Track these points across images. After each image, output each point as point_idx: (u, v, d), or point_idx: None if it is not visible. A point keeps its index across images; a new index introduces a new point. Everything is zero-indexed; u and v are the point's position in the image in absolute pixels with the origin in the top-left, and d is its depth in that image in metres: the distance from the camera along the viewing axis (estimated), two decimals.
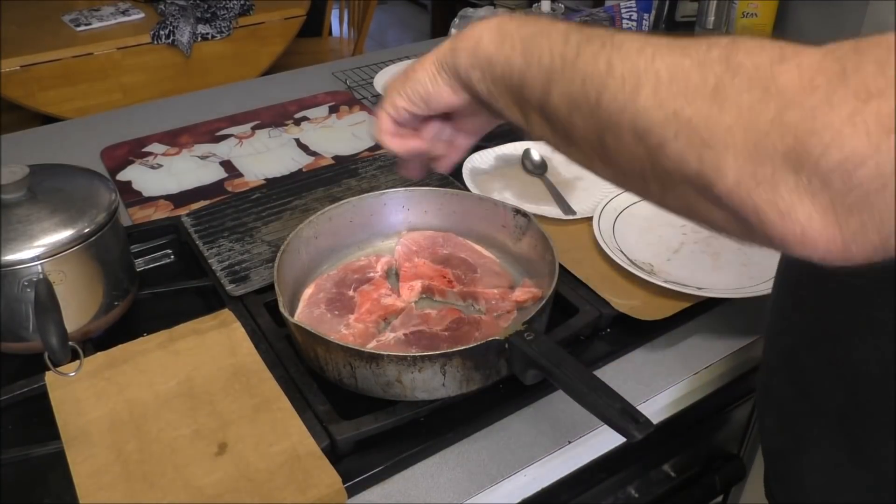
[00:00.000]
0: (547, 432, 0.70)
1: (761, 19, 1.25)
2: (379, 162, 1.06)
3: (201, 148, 1.17)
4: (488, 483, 0.66)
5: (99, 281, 0.76)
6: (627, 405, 0.57)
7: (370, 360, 0.64)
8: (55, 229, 0.71)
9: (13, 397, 0.70)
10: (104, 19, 2.24)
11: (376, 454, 0.66)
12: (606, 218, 0.93)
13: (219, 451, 0.63)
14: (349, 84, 1.37)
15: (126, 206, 1.02)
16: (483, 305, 0.79)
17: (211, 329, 0.75)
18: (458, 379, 0.65)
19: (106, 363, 0.71)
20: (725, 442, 0.97)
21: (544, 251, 0.78)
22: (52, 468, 0.64)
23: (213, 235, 0.90)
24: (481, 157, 1.08)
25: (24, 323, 0.72)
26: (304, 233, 0.81)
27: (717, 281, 0.84)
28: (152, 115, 1.27)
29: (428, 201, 0.88)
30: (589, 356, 0.77)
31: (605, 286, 0.82)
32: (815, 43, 0.34)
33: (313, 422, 0.66)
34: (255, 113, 1.27)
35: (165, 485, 0.60)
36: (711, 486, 0.93)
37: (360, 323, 0.75)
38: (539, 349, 0.62)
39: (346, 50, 2.84)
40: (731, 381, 0.82)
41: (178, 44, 2.20)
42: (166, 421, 0.66)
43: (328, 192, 0.99)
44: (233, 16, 2.32)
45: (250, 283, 0.82)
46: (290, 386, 0.69)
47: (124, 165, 1.12)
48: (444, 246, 0.86)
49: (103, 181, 0.79)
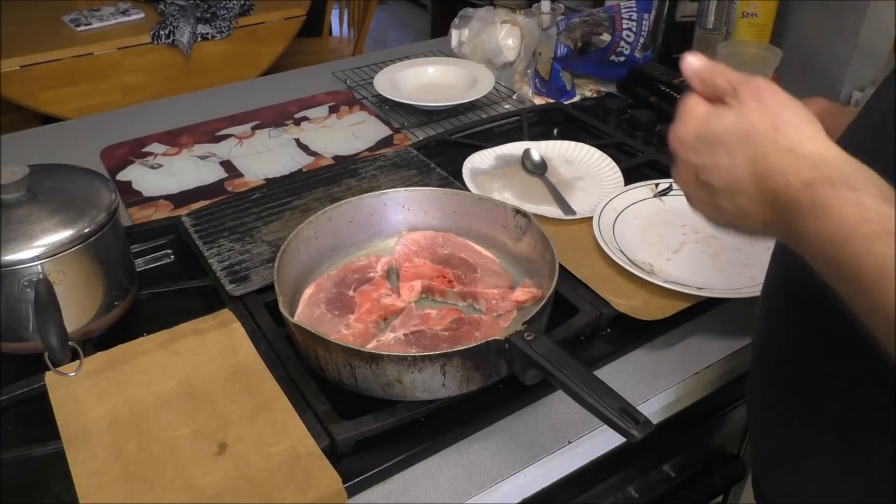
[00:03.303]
0: (547, 432, 0.70)
1: (761, 19, 1.25)
2: (379, 162, 1.06)
3: (201, 148, 1.17)
4: (488, 483, 0.66)
5: (99, 281, 0.76)
6: (627, 405, 0.57)
7: (370, 360, 0.64)
8: (55, 229, 0.71)
9: (13, 397, 0.70)
10: (104, 19, 2.24)
11: (376, 454, 0.66)
12: (606, 218, 0.93)
13: (219, 451, 0.63)
14: (349, 84, 1.37)
15: (126, 206, 1.02)
16: (483, 305, 0.79)
17: (211, 329, 0.75)
18: (458, 379, 0.65)
19: (106, 363, 0.71)
20: (725, 442, 0.96)
21: (544, 251, 0.78)
22: (52, 468, 0.64)
23: (213, 235, 0.90)
24: (481, 157, 1.08)
25: (24, 323, 0.72)
26: (304, 233, 0.81)
27: (717, 281, 0.84)
28: (152, 115, 1.27)
29: (428, 201, 0.88)
30: (589, 356, 0.77)
31: (605, 286, 0.82)
32: (816, 43, 0.34)
33: (313, 422, 0.66)
34: (255, 113, 1.27)
35: (165, 485, 0.60)
36: (711, 486, 0.93)
37: (360, 323, 0.75)
38: (539, 349, 0.62)
39: (346, 50, 2.84)
40: (731, 381, 0.82)
41: (178, 44, 2.20)
42: (166, 421, 0.66)
43: (328, 192, 0.99)
44: (233, 16, 2.31)
45: (250, 283, 0.82)
46: (290, 386, 0.69)
47: (124, 165, 1.12)
48: (444, 246, 0.86)
49: (103, 181, 0.79)
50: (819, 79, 1.28)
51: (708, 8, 1.22)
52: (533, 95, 1.31)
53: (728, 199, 0.48)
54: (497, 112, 1.28)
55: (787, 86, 0.49)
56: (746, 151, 0.46)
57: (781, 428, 0.63)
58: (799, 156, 0.44)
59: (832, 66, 1.26)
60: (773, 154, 0.45)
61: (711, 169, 0.48)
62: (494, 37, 1.38)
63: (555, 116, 1.25)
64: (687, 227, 0.94)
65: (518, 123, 1.22)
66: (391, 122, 1.25)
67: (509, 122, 1.23)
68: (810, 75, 1.29)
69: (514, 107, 1.30)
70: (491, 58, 1.40)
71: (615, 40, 1.29)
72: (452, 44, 1.46)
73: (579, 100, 1.32)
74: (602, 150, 1.09)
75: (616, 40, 1.29)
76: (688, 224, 0.94)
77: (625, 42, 1.29)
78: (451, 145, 1.15)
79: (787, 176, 0.44)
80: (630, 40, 1.29)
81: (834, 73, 1.26)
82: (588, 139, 1.13)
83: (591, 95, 1.33)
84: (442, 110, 1.27)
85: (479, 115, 1.27)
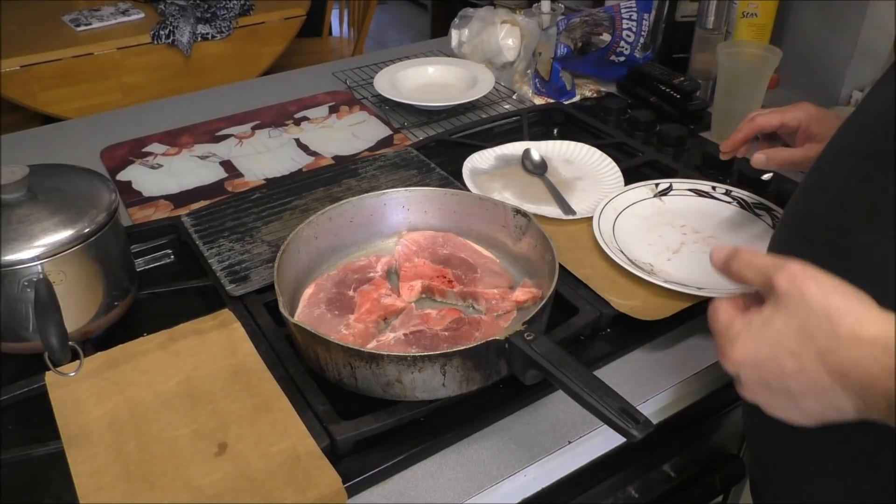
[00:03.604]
0: (547, 432, 0.70)
1: (761, 19, 1.25)
2: (379, 162, 1.06)
3: (201, 148, 1.17)
4: (488, 483, 0.66)
5: (99, 281, 0.76)
6: (627, 405, 0.57)
7: (370, 360, 0.64)
8: (55, 229, 0.71)
9: (13, 397, 0.70)
10: (104, 19, 2.24)
11: (376, 454, 0.66)
12: (606, 218, 0.93)
13: (219, 451, 0.63)
14: (349, 84, 1.37)
15: (126, 206, 1.02)
16: (483, 305, 0.79)
17: (211, 329, 0.75)
18: (458, 379, 0.65)
19: (106, 363, 0.71)
20: (725, 442, 0.96)
21: (544, 251, 0.78)
22: (52, 468, 0.64)
23: (213, 235, 0.90)
24: (481, 157, 1.08)
25: (24, 323, 0.72)
26: (304, 233, 0.81)
27: (717, 281, 0.83)
28: (152, 115, 1.27)
29: (428, 201, 0.88)
30: (589, 356, 0.77)
31: (605, 286, 0.82)
32: (816, 43, 0.34)
33: (313, 422, 0.66)
34: (255, 113, 1.27)
35: (165, 485, 0.60)
36: (711, 486, 0.93)
37: (360, 323, 0.75)
38: (539, 349, 0.62)
39: (346, 50, 2.84)
40: (731, 381, 0.81)
41: (178, 44, 2.20)
42: (166, 421, 0.66)
43: (328, 192, 0.99)
44: (233, 16, 2.32)
45: (250, 283, 0.82)
46: (290, 386, 0.69)
47: (124, 165, 1.12)
48: (444, 246, 0.86)
49: (103, 181, 0.79)
50: (819, 79, 1.28)
51: (708, 8, 1.22)
52: (533, 95, 1.31)
53: (812, 399, 0.46)
54: (497, 112, 1.28)
55: (787, 86, 0.49)
56: (811, 351, 0.44)
57: (779, 433, 0.63)
58: (868, 344, 0.43)
59: (832, 66, 1.26)
60: (839, 348, 0.43)
61: (782, 377, 0.46)
62: (494, 37, 1.38)
63: (555, 116, 1.25)
64: (687, 227, 0.94)
65: (518, 123, 1.22)
66: (391, 122, 1.25)
67: (509, 122, 1.23)
68: (810, 75, 1.29)
69: (514, 107, 1.30)
70: (491, 58, 1.40)
71: (615, 40, 1.29)
72: (452, 44, 1.46)
73: (579, 100, 1.32)
74: (602, 150, 1.09)
75: (616, 40, 1.29)
76: (688, 224, 0.94)
77: (625, 42, 1.29)
78: (451, 145, 1.15)
79: (866, 368, 0.42)
80: (630, 40, 1.29)
81: (834, 73, 1.26)
82: (588, 139, 1.13)
83: (591, 95, 1.33)
84: (442, 110, 1.27)
85: (479, 115, 1.27)
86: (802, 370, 0.45)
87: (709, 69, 1.27)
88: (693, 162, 1.13)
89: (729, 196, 0.98)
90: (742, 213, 0.96)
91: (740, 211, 0.96)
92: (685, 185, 1.00)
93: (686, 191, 0.99)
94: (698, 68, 1.28)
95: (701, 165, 1.11)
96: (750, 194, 0.97)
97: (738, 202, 0.97)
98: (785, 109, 0.85)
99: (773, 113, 0.86)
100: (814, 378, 0.45)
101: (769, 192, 1.04)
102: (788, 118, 0.84)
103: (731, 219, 0.95)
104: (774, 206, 0.94)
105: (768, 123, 0.86)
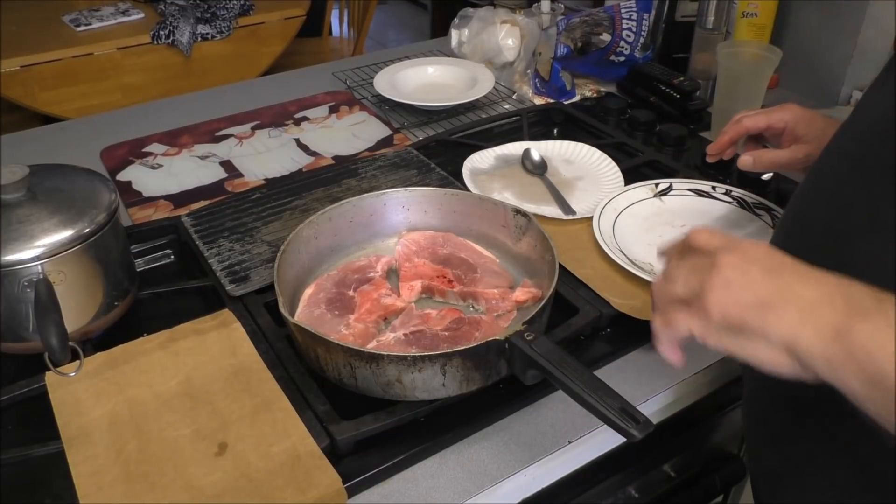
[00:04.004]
0: (547, 432, 0.70)
1: (761, 19, 1.25)
2: (379, 162, 1.06)
3: (201, 148, 1.17)
4: (488, 483, 0.66)
5: (99, 281, 0.76)
6: (627, 405, 0.57)
7: (370, 360, 0.64)
8: (55, 229, 0.71)
9: (13, 397, 0.70)
10: (104, 19, 2.24)
11: (376, 454, 0.66)
12: (606, 218, 0.93)
13: (219, 451, 0.63)
14: (349, 84, 1.37)
15: (126, 206, 1.02)
16: (483, 305, 0.79)
17: (211, 329, 0.75)
18: (458, 379, 0.65)
19: (106, 363, 0.71)
20: (725, 442, 0.96)
21: (544, 251, 0.78)
22: (52, 468, 0.64)
23: (213, 235, 0.90)
24: (481, 157, 1.08)
25: (24, 323, 0.72)
26: (304, 233, 0.81)
27: None
28: (152, 115, 1.27)
29: (428, 201, 0.88)
30: (589, 356, 0.77)
31: (605, 286, 0.82)
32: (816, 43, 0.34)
33: (313, 422, 0.66)
34: (255, 113, 1.27)
35: (165, 485, 0.60)
36: (711, 486, 0.93)
37: (360, 323, 0.75)
38: (539, 349, 0.62)
39: (346, 50, 2.84)
40: (731, 381, 0.82)
41: (178, 44, 2.20)
42: (166, 421, 0.66)
43: (328, 192, 0.99)
44: (233, 16, 2.32)
45: (250, 283, 0.82)
46: (290, 386, 0.69)
47: (124, 165, 1.12)
48: (444, 246, 0.86)
49: (103, 181, 0.79)
50: (819, 79, 1.28)
51: (708, 8, 1.22)
52: (533, 95, 1.31)
53: (767, 275, 0.46)
54: (497, 112, 1.28)
55: (787, 86, 0.49)
56: (762, 268, 0.46)
57: (781, 443, 0.63)
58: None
59: (832, 66, 1.26)
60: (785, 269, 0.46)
61: (733, 248, 0.48)
62: (494, 37, 1.38)
63: (555, 116, 1.25)
64: (687, 226, 0.94)
65: (518, 123, 1.22)
66: (391, 122, 1.25)
67: (509, 122, 1.23)
68: (810, 75, 1.29)
69: (514, 107, 1.30)
70: (491, 58, 1.40)
71: (615, 40, 1.29)
72: (452, 44, 1.46)
73: (579, 100, 1.32)
74: (602, 150, 1.09)
75: (616, 40, 1.29)
76: (688, 224, 0.94)
77: (625, 42, 1.29)
78: (451, 145, 1.15)
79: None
80: (630, 40, 1.29)
81: (834, 73, 1.26)
82: (588, 139, 1.13)
83: (591, 95, 1.33)
84: (442, 110, 1.27)
85: (479, 115, 1.27)
86: (764, 282, 0.45)
87: (709, 69, 1.27)
88: (693, 162, 1.13)
89: (729, 196, 0.98)
90: (742, 213, 0.96)
91: (740, 211, 0.96)
92: (685, 185, 1.00)
93: (686, 191, 0.99)
94: (698, 68, 1.28)
95: (701, 165, 1.11)
96: (750, 194, 0.97)
97: (737, 202, 0.97)
98: (771, 111, 0.85)
99: (759, 115, 0.85)
100: (776, 256, 0.46)
101: (769, 191, 1.04)
102: (774, 120, 0.84)
103: (731, 218, 0.95)
104: (774, 206, 0.94)
105: (754, 125, 0.86)
